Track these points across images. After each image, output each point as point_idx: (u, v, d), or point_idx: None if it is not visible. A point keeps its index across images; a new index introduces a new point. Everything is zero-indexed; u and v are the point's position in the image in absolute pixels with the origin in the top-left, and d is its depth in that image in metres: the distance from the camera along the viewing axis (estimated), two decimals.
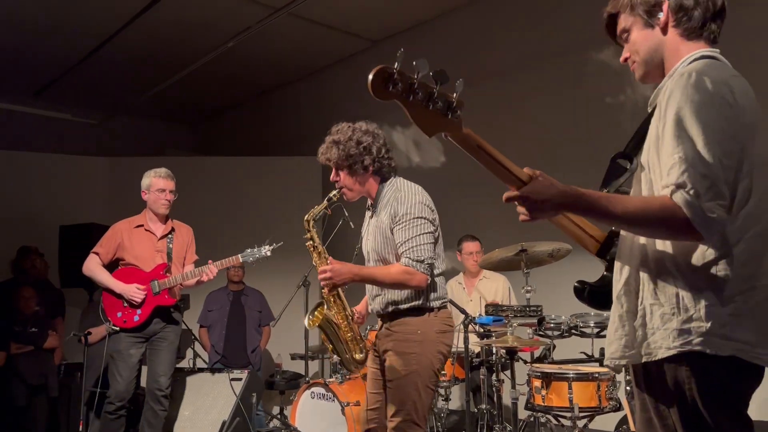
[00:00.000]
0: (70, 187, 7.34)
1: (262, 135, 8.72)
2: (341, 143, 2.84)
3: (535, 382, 3.71)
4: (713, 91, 1.41)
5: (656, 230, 1.44)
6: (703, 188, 1.34)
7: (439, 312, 2.80)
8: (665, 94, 1.47)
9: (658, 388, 1.50)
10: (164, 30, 6.65)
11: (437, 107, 1.39)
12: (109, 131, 9.01)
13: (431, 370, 2.73)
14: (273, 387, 5.80)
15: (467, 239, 5.18)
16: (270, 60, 7.56)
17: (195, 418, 4.68)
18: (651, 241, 1.51)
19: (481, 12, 6.15)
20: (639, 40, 1.63)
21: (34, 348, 5.17)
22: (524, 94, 5.79)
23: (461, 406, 5.45)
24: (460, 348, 4.24)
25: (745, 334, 1.41)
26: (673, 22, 1.58)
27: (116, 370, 4.13)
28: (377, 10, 6.40)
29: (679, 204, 1.35)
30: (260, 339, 6.00)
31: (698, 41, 1.59)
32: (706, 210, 1.34)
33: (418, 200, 2.78)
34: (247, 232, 4.47)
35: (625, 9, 1.64)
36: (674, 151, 1.39)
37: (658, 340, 1.46)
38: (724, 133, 1.38)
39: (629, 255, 1.57)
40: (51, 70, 7.58)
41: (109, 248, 4.26)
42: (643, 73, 1.66)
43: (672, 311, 1.45)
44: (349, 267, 2.77)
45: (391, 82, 1.35)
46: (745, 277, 1.43)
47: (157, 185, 4.28)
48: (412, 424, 2.70)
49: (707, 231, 1.35)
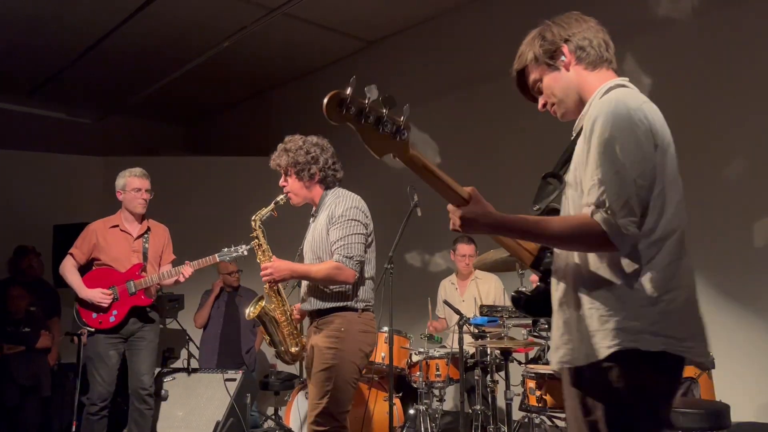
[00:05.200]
0: (64, 187, 7.31)
1: (256, 135, 8.71)
2: (291, 151, 3.14)
3: (530, 382, 3.72)
4: (629, 116, 1.58)
5: (577, 245, 1.62)
6: (617, 207, 1.52)
7: (363, 313, 3.01)
8: (589, 119, 1.63)
9: (589, 388, 1.63)
10: (159, 30, 6.63)
11: (386, 130, 1.48)
12: (103, 131, 8.98)
13: (353, 366, 2.92)
14: (267, 387, 5.79)
15: (462, 241, 5.17)
16: (265, 60, 7.55)
17: (189, 419, 4.67)
18: (583, 254, 1.66)
19: (477, 13, 6.16)
20: (551, 83, 1.81)
21: (26, 348, 5.14)
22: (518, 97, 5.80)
23: (455, 406, 5.45)
24: (455, 349, 4.24)
25: (673, 330, 1.56)
26: (575, 60, 1.77)
27: (96, 372, 4.10)
28: (372, 10, 6.40)
29: (597, 221, 1.53)
30: (255, 340, 5.99)
31: (601, 69, 1.77)
32: (620, 226, 1.51)
33: (355, 205, 3.04)
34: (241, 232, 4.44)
35: (531, 62, 1.83)
36: (595, 173, 1.57)
37: (597, 341, 1.59)
38: (638, 156, 1.55)
39: (564, 267, 1.71)
40: (45, 69, 7.54)
41: (84, 249, 4.24)
42: (563, 111, 1.82)
43: (608, 314, 1.59)
44: (288, 264, 3.06)
45: (344, 106, 1.42)
46: (668, 280, 1.58)
47: (133, 184, 4.27)
48: (329, 418, 2.84)
49: (621, 244, 1.53)
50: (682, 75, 4.71)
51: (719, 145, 4.53)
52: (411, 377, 4.61)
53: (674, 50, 4.78)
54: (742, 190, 4.40)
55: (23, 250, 5.76)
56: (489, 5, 6.05)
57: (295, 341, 3.27)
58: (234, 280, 5.99)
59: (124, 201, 4.31)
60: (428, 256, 6.41)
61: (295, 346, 3.26)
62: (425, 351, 4.53)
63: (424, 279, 6.21)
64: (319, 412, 2.84)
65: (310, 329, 3.09)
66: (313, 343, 3.00)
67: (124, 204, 4.32)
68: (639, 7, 4.95)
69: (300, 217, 3.41)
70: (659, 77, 4.78)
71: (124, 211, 4.33)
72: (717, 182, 4.50)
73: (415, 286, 6.06)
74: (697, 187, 4.58)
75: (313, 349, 2.99)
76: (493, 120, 5.91)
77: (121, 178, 4.31)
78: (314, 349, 2.97)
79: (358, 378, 2.98)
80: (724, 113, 4.51)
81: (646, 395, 1.57)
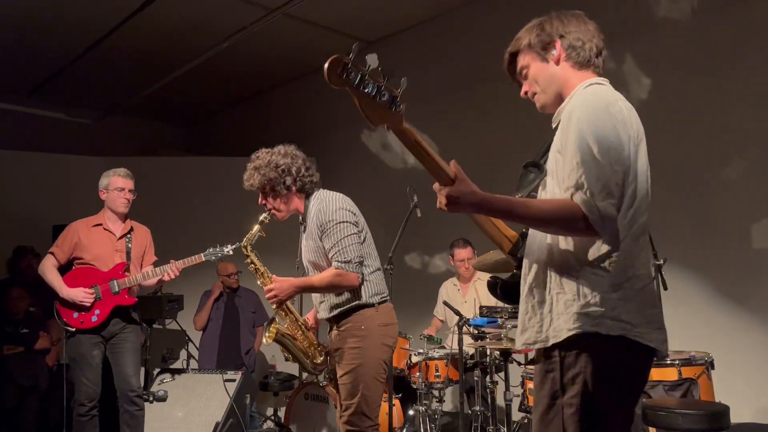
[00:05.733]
0: (63, 187, 7.31)
1: (256, 135, 8.68)
2: (261, 168, 3.08)
3: (529, 383, 3.72)
4: (606, 109, 1.66)
5: (558, 227, 1.66)
6: (597, 189, 1.58)
7: (380, 306, 2.98)
8: (568, 112, 1.72)
9: (551, 368, 1.71)
10: (159, 30, 6.63)
11: (383, 100, 1.49)
12: (103, 131, 8.97)
13: (378, 362, 2.90)
14: (267, 388, 5.79)
15: (458, 245, 5.12)
16: (265, 60, 7.55)
17: (188, 420, 4.66)
18: (554, 240, 1.73)
19: (476, 14, 6.16)
20: (537, 72, 1.88)
21: (25, 349, 5.13)
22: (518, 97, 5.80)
23: (455, 407, 5.45)
24: (455, 349, 4.24)
25: (630, 316, 1.64)
26: (565, 56, 1.84)
27: (81, 373, 4.05)
28: (372, 11, 6.40)
29: (577, 203, 1.58)
30: (254, 340, 5.98)
31: (587, 71, 1.84)
32: (600, 208, 1.57)
33: (339, 206, 2.99)
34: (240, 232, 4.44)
35: (524, 48, 1.89)
36: (573, 158, 1.62)
37: (561, 324, 1.68)
38: (613, 144, 1.62)
39: (537, 252, 1.78)
40: (45, 69, 7.54)
41: (65, 248, 4.19)
42: (543, 101, 1.90)
43: (573, 298, 1.67)
44: (290, 281, 3.02)
45: (345, 71, 1.45)
46: (628, 268, 1.66)
47: (116, 184, 4.25)
48: (362, 417, 2.84)
49: (601, 227, 1.58)
50: (681, 76, 4.70)
51: (718, 145, 4.53)
52: (410, 378, 4.61)
53: (673, 51, 4.78)
54: (740, 190, 4.40)
55: (22, 250, 5.75)
56: (489, 6, 6.05)
57: (317, 352, 3.23)
58: (233, 282, 5.98)
59: (107, 200, 4.28)
60: (428, 258, 6.41)
61: (319, 356, 3.23)
62: (425, 352, 4.53)
63: (424, 280, 6.21)
64: (352, 412, 2.83)
65: (331, 334, 3.06)
66: (337, 347, 2.98)
67: (106, 203, 4.29)
68: (638, 8, 4.95)
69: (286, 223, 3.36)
70: (658, 78, 4.78)
71: (107, 210, 4.30)
72: (716, 183, 4.50)
73: (415, 287, 6.06)
74: (695, 187, 4.59)
75: (337, 352, 2.97)
76: (492, 120, 5.91)
77: (105, 178, 4.30)
78: (339, 353, 2.96)
79: (385, 372, 2.96)
80: (722, 114, 4.51)
81: (607, 378, 1.63)
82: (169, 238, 5.20)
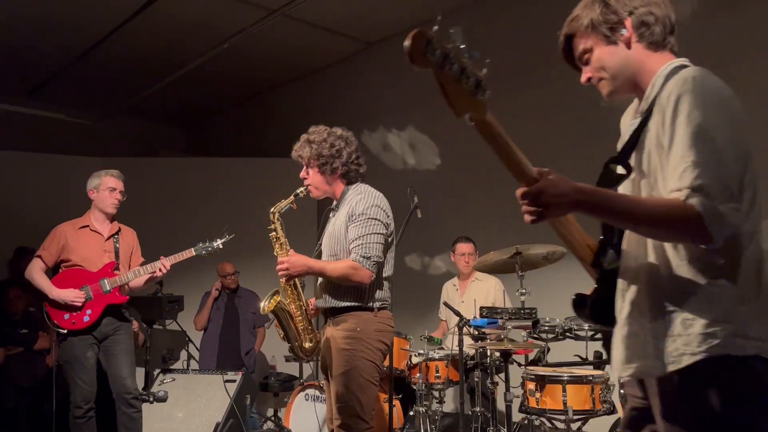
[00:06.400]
0: (63, 188, 7.29)
1: (256, 136, 8.71)
2: (315, 143, 3.02)
3: (530, 384, 3.71)
4: (718, 95, 1.42)
5: (668, 231, 1.43)
6: (717, 191, 1.34)
7: (380, 312, 2.94)
8: (669, 99, 1.46)
9: (669, 400, 1.47)
10: (159, 31, 6.63)
11: (468, 85, 1.28)
12: (104, 132, 8.96)
13: (371, 366, 2.86)
14: (267, 389, 5.79)
15: (461, 240, 5.18)
16: (265, 61, 7.55)
17: (188, 420, 4.67)
18: (660, 247, 1.50)
19: (477, 14, 6.16)
20: (605, 57, 1.62)
21: (24, 349, 5.13)
22: (521, 96, 5.80)
23: (455, 408, 5.45)
24: (455, 350, 4.24)
25: (763, 332, 1.40)
26: (636, 37, 1.59)
27: (75, 376, 4.04)
28: (372, 11, 6.40)
29: (694, 206, 1.34)
30: (254, 341, 5.98)
31: (664, 52, 1.61)
32: (722, 213, 1.33)
33: (376, 203, 2.94)
34: (240, 233, 4.45)
35: (585, 29, 1.63)
36: (686, 155, 1.38)
37: (680, 347, 1.43)
38: (733, 137, 1.39)
39: (637, 267, 1.55)
40: (44, 70, 7.54)
41: (52, 251, 4.17)
42: (612, 88, 1.65)
43: (693, 316, 1.43)
44: (305, 260, 2.95)
45: (429, 47, 1.23)
46: (756, 277, 1.44)
47: (108, 183, 4.24)
48: (357, 420, 2.81)
49: (719, 234, 1.34)
50: None
51: None
52: (411, 379, 4.61)
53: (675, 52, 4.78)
54: None
55: (22, 251, 5.76)
56: (490, 6, 6.05)
57: (309, 336, 3.19)
58: (230, 282, 5.99)
59: (95, 200, 4.26)
60: (428, 258, 6.40)
61: (309, 342, 3.18)
62: (425, 353, 4.53)
63: (424, 281, 6.21)
64: (346, 416, 2.80)
65: (325, 327, 3.03)
66: (328, 336, 2.94)
67: (95, 203, 4.27)
68: None
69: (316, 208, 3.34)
70: None
71: (95, 211, 4.28)
72: None
73: (415, 288, 6.05)
74: None
75: (328, 341, 2.93)
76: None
77: (96, 178, 4.28)
78: (330, 344, 2.92)
79: (379, 375, 2.93)
80: None
81: (738, 407, 1.40)
82: (168, 238, 5.20)
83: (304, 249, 3.13)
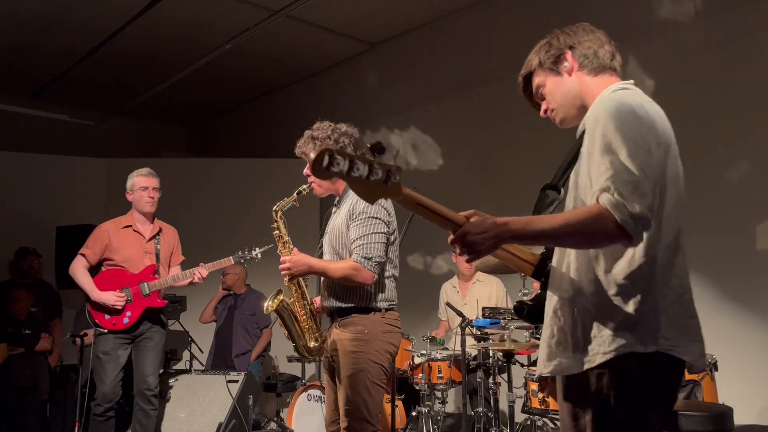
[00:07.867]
0: (66, 189, 7.32)
1: (259, 137, 8.72)
2: (318, 139, 2.98)
3: (532, 385, 3.72)
4: (632, 112, 1.58)
5: (586, 237, 1.54)
6: (627, 191, 1.47)
7: (387, 313, 2.90)
8: (593, 116, 1.63)
9: (582, 394, 1.63)
10: (161, 32, 6.64)
11: (377, 177, 1.46)
12: (107, 132, 8.99)
13: (379, 368, 2.83)
14: (270, 389, 5.79)
15: None
16: (267, 62, 7.56)
17: (191, 420, 4.67)
18: (578, 255, 1.66)
19: (479, 15, 6.16)
20: (553, 88, 1.83)
21: (25, 350, 5.13)
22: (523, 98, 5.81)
23: (458, 409, 5.45)
24: (457, 351, 4.24)
25: (665, 331, 1.56)
26: (578, 66, 1.79)
27: (103, 371, 4.10)
28: (375, 12, 6.40)
29: (605, 206, 1.47)
30: (252, 343, 5.96)
31: (605, 75, 1.79)
32: (630, 210, 1.45)
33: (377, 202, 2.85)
34: (243, 234, 4.47)
35: (537, 67, 1.85)
36: (601, 163, 1.53)
37: (595, 347, 1.59)
38: (642, 146, 1.53)
39: (561, 274, 1.71)
40: (48, 71, 7.56)
41: (96, 249, 4.22)
42: (563, 116, 1.83)
43: (605, 318, 1.59)
44: (307, 259, 2.93)
45: (331, 163, 1.41)
46: (662, 280, 1.59)
47: (140, 183, 4.29)
48: (364, 422, 2.78)
49: (634, 229, 1.46)
50: (684, 78, 4.70)
51: (722, 147, 4.52)
52: (413, 379, 4.61)
53: (677, 53, 4.77)
54: (744, 192, 4.40)
55: (24, 251, 5.76)
56: (491, 7, 6.05)
57: (314, 336, 3.13)
58: (226, 280, 6.02)
59: (133, 201, 4.33)
60: (430, 259, 6.41)
61: (314, 341, 3.13)
62: (427, 353, 4.53)
63: (426, 281, 6.21)
64: (353, 419, 2.76)
65: (331, 327, 2.98)
66: (335, 338, 2.89)
67: (133, 204, 4.33)
68: (641, 10, 4.95)
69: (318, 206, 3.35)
70: (662, 80, 4.77)
71: (135, 211, 4.34)
72: (720, 185, 4.49)
73: (417, 288, 6.05)
74: (700, 189, 4.58)
75: (335, 343, 2.88)
76: (495, 122, 5.90)
77: (129, 179, 4.35)
78: (336, 346, 2.87)
79: (386, 378, 2.90)
80: (726, 116, 4.51)
81: (642, 399, 1.56)
82: None
83: (307, 248, 3.12)
